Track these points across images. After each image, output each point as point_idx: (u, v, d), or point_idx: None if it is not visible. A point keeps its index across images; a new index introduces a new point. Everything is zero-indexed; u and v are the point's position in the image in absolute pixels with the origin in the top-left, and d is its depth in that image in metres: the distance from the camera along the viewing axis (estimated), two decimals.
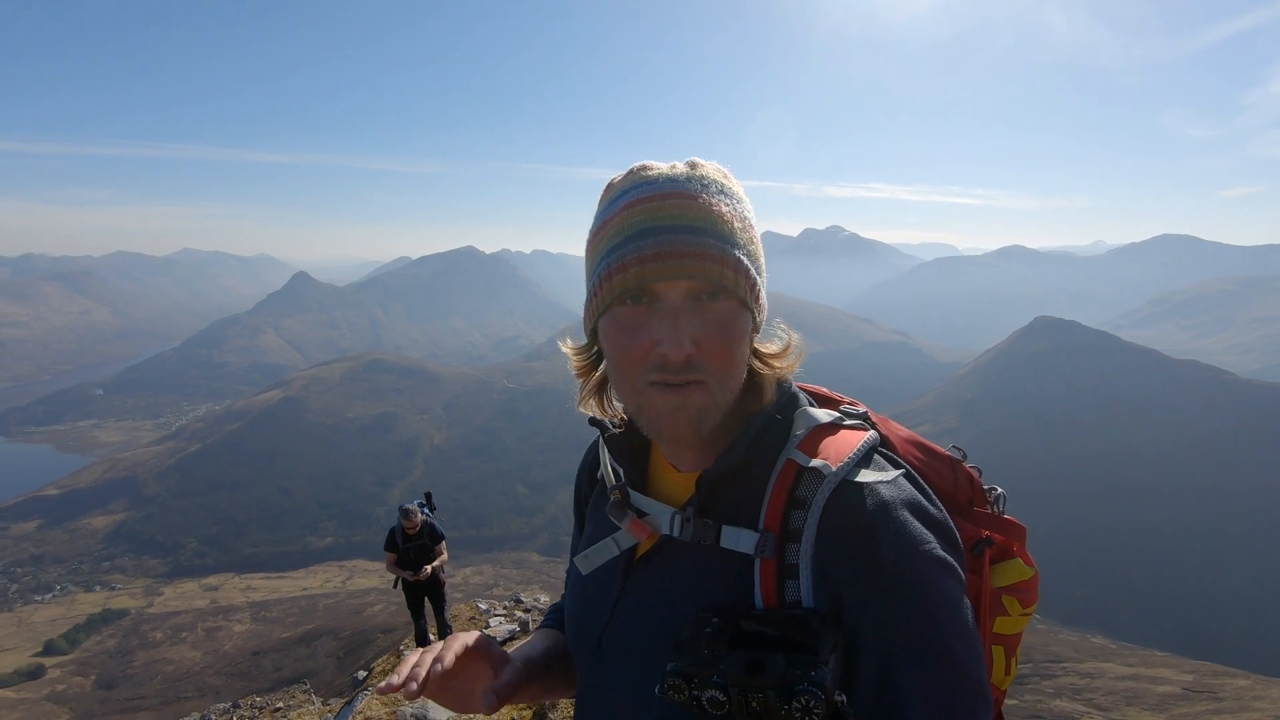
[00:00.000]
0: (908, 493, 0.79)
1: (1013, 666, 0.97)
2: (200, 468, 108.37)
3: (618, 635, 0.91)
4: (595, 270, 0.84)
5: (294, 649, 49.43)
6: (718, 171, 0.85)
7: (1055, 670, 43.18)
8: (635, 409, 0.84)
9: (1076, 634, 60.52)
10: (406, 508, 6.27)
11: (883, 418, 0.95)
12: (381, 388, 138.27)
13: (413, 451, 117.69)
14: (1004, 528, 0.93)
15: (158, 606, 78.57)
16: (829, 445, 0.82)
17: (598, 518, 1.02)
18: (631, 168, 0.87)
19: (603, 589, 0.95)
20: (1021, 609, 0.95)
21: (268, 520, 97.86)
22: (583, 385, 0.97)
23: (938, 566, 0.75)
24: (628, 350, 0.80)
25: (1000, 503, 0.97)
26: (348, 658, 36.53)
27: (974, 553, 0.88)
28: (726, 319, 0.79)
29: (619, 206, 0.83)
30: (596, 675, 0.94)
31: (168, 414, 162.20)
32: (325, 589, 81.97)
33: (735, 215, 0.82)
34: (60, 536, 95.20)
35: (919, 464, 0.90)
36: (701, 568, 0.84)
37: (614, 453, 0.97)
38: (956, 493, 0.93)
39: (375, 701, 5.12)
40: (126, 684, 58.52)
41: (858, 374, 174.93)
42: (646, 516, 0.90)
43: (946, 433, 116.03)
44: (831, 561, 0.75)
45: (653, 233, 0.78)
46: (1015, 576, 0.93)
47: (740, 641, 0.74)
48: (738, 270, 0.79)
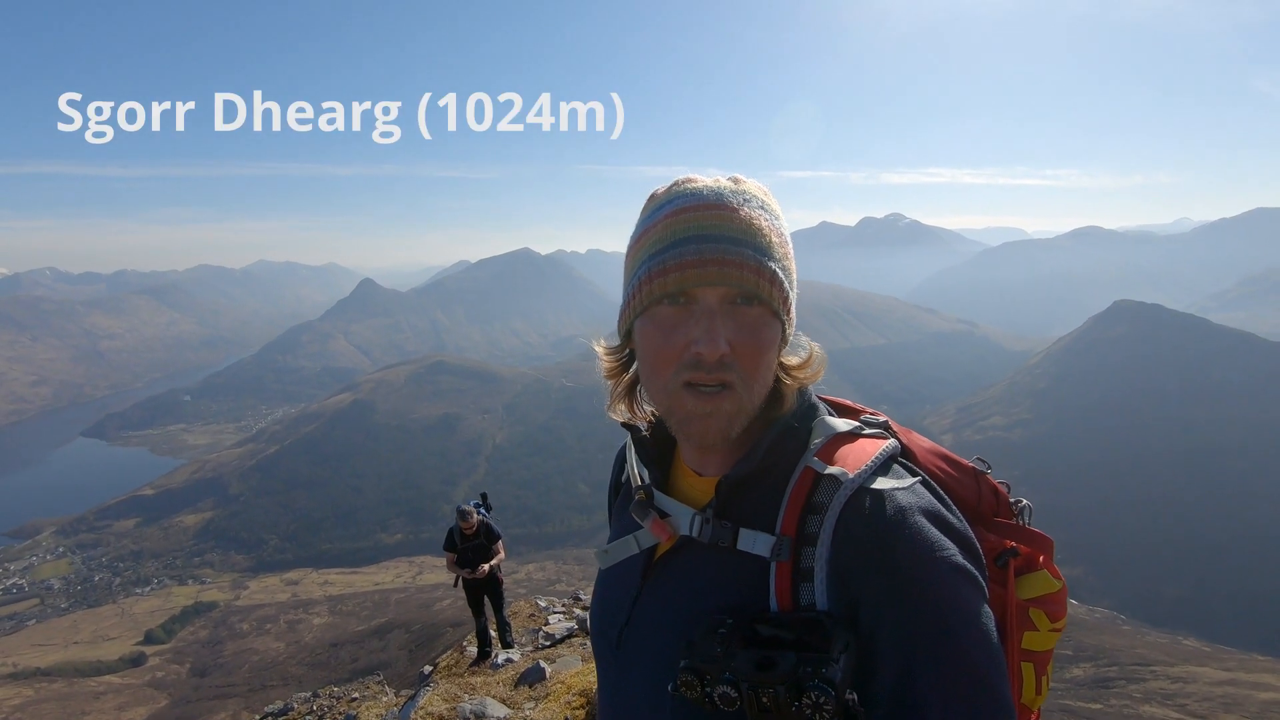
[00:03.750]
0: (926, 500, 0.80)
1: (1044, 686, 0.96)
2: (279, 468, 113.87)
3: (636, 633, 0.93)
4: (636, 273, 0.87)
5: (368, 641, 51.57)
6: (759, 189, 0.88)
7: (1144, 674, 40.85)
8: (665, 409, 0.86)
9: (1167, 635, 57.02)
10: (463, 509, 6.44)
11: (904, 428, 0.96)
12: (444, 389, 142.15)
13: (476, 451, 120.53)
14: (1029, 539, 0.93)
15: (244, 600, 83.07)
16: (847, 453, 0.84)
17: (623, 518, 1.05)
18: (676, 180, 0.90)
19: (623, 589, 0.97)
20: (1050, 624, 0.94)
21: (341, 518, 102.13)
22: (613, 388, 0.99)
23: (956, 574, 0.75)
24: (663, 349, 0.83)
25: (1025, 515, 0.96)
26: (419, 650, 37.84)
27: (998, 564, 0.89)
28: (759, 324, 0.82)
29: (663, 214, 0.86)
30: (616, 673, 0.96)
31: (248, 417, 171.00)
32: (396, 584, 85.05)
33: (773, 230, 0.86)
34: (156, 533, 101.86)
35: (941, 474, 0.91)
36: (718, 569, 0.86)
37: (640, 454, 1.00)
38: (980, 503, 0.93)
39: (436, 697, 5.28)
40: (217, 672, 62.21)
41: (920, 365, 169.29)
42: (668, 518, 0.92)
43: (1019, 424, 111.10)
44: (847, 566, 0.76)
45: (695, 240, 0.82)
46: (1042, 589, 0.92)
47: (755, 644, 0.75)
48: (773, 281, 0.82)
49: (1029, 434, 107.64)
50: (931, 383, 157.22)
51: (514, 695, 5.33)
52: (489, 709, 4.82)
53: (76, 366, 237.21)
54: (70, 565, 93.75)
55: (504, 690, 5.50)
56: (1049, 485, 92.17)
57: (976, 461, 0.97)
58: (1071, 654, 45.10)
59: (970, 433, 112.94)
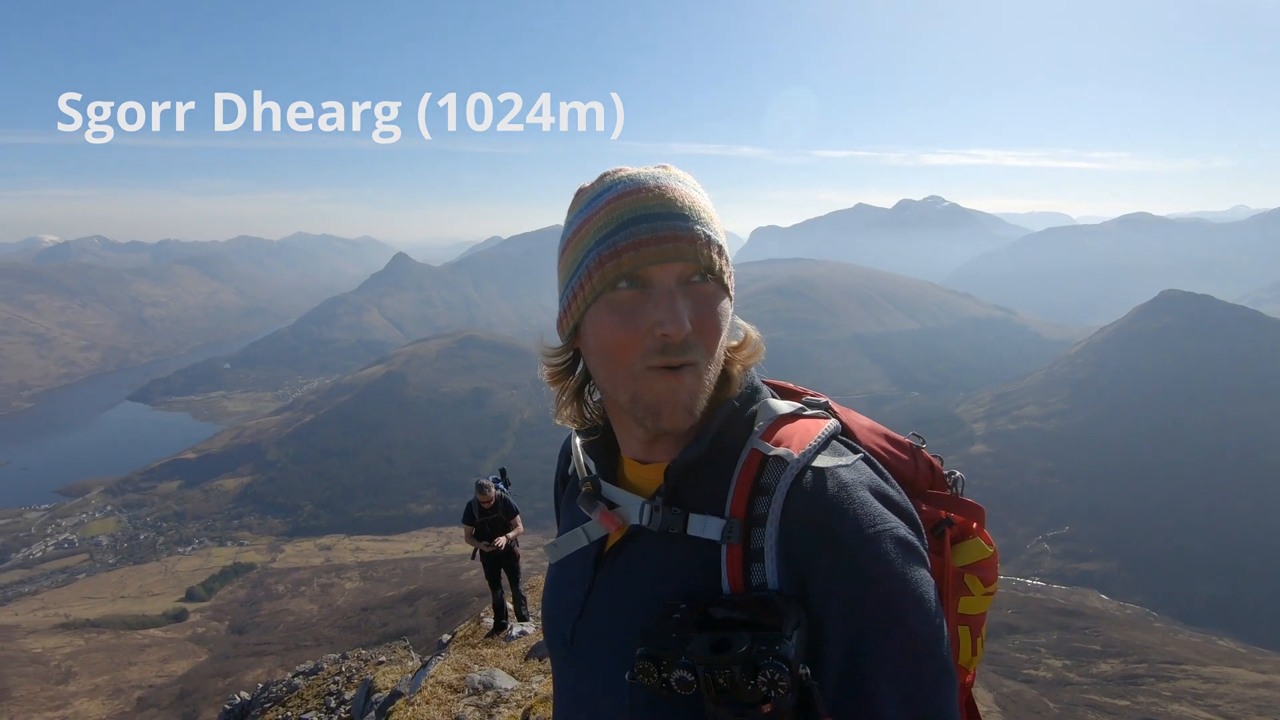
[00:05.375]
0: (868, 476, 0.82)
1: (979, 647, 1.00)
2: (314, 436, 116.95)
3: (590, 626, 0.92)
4: (582, 263, 0.85)
5: (398, 607, 53.05)
6: (686, 174, 0.89)
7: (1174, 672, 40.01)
8: (631, 395, 0.84)
9: (1200, 635, 55.71)
10: (481, 483, 6.49)
11: (844, 408, 0.97)
12: (474, 363, 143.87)
13: (504, 425, 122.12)
14: (963, 509, 0.95)
15: (279, 562, 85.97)
16: (791, 434, 0.85)
17: (570, 511, 1.03)
18: (603, 173, 0.89)
19: (574, 583, 0.96)
20: (984, 588, 0.97)
21: (373, 486, 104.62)
22: (560, 393, 0.97)
23: (899, 546, 0.76)
24: (623, 333, 0.81)
25: (959, 485, 0.99)
26: (445, 617, 38.80)
27: (935, 534, 0.91)
28: (713, 299, 0.83)
29: (603, 202, 0.85)
30: (570, 668, 0.96)
31: (285, 386, 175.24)
32: (425, 553, 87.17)
33: (710, 209, 0.86)
34: (197, 496, 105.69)
35: (880, 450, 0.92)
36: (670, 556, 0.86)
37: (586, 446, 0.99)
38: (917, 477, 0.95)
39: (447, 666, 5.39)
40: (254, 631, 64.66)
41: (954, 352, 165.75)
42: (617, 508, 0.92)
43: (1054, 414, 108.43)
44: (795, 543, 0.77)
45: (646, 219, 0.81)
46: (976, 555, 0.95)
47: (709, 627, 0.76)
48: (721, 255, 0.83)
49: (1064, 424, 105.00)
50: (965, 370, 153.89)
51: (523, 668, 5.41)
52: (497, 680, 4.90)
53: (123, 333, 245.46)
54: (117, 523, 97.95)
55: (514, 663, 5.59)
56: (1083, 477, 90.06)
57: (913, 437, 0.99)
58: (1099, 649, 44.32)
59: (1004, 421, 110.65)
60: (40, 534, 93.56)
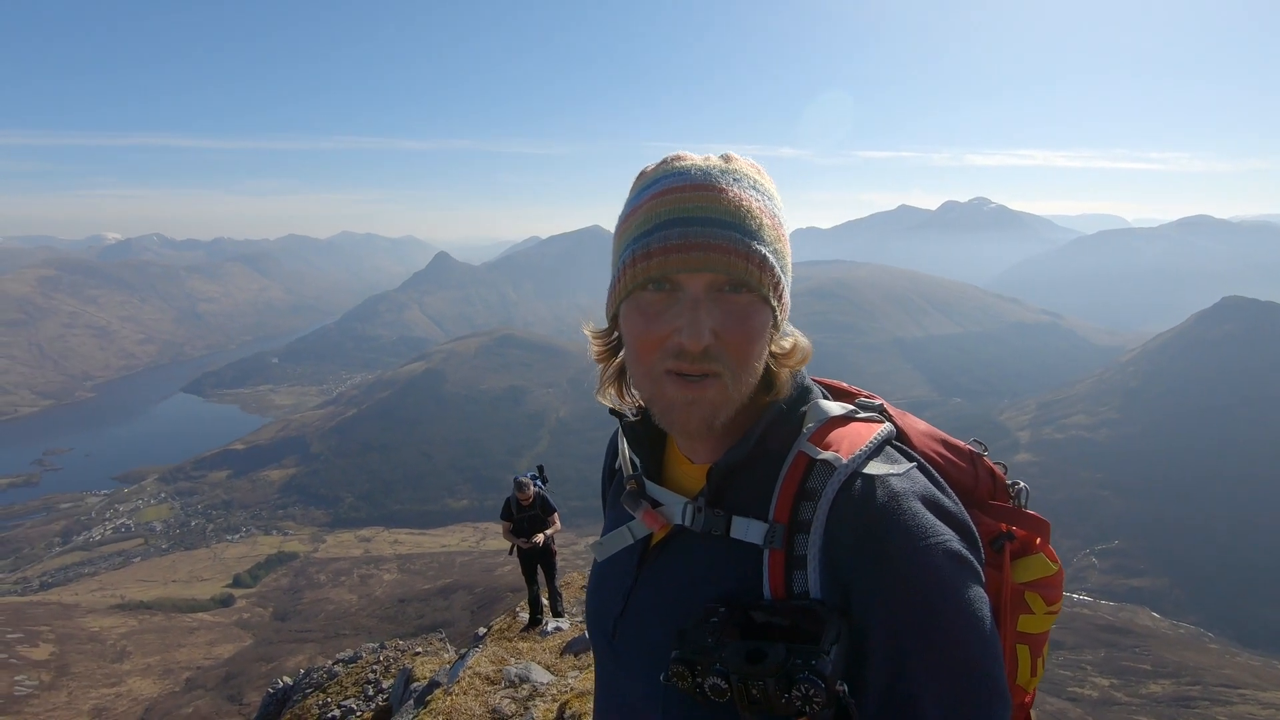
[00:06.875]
0: (920, 485, 0.78)
1: (1039, 667, 0.96)
2: (356, 431, 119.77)
3: (630, 624, 0.92)
4: (621, 256, 0.84)
5: (434, 600, 54.05)
6: (751, 167, 0.85)
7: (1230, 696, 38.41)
8: (649, 397, 0.84)
9: (1260, 658, 53.24)
10: (520, 480, 6.57)
11: (900, 411, 0.94)
12: (511, 362, 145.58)
13: (539, 423, 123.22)
14: (1026, 522, 0.91)
15: (321, 552, 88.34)
16: (841, 438, 0.82)
17: (615, 508, 1.03)
18: (665, 157, 0.87)
19: (618, 579, 0.96)
20: (1046, 606, 0.93)
21: (411, 481, 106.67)
22: (602, 372, 0.97)
23: (951, 560, 0.73)
24: (645, 336, 0.80)
25: (1023, 497, 0.95)
26: (480, 611, 39.36)
27: (993, 547, 0.87)
28: (746, 312, 0.80)
29: (648, 195, 0.83)
30: (611, 664, 0.96)
31: (329, 381, 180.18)
32: (461, 547, 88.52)
33: (765, 211, 0.82)
34: (245, 485, 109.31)
35: (937, 458, 0.89)
36: (711, 558, 0.84)
37: (631, 443, 0.98)
38: (976, 487, 0.92)
39: (484, 658, 5.47)
40: (296, 618, 66.54)
41: (999, 357, 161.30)
42: (660, 507, 0.91)
43: (1105, 424, 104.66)
44: (839, 552, 0.75)
45: (679, 223, 0.79)
46: (1038, 572, 0.91)
47: (749, 632, 0.74)
48: (761, 266, 0.79)
49: (1115, 435, 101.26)
50: (1010, 376, 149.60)
51: (558, 663, 5.46)
52: (533, 673, 4.95)
53: (179, 327, 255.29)
54: (170, 510, 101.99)
55: (549, 657, 5.64)
56: (1134, 490, 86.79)
57: (973, 443, 0.95)
58: (1150, 669, 42.74)
59: (1050, 430, 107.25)
60: (100, 518, 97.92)
